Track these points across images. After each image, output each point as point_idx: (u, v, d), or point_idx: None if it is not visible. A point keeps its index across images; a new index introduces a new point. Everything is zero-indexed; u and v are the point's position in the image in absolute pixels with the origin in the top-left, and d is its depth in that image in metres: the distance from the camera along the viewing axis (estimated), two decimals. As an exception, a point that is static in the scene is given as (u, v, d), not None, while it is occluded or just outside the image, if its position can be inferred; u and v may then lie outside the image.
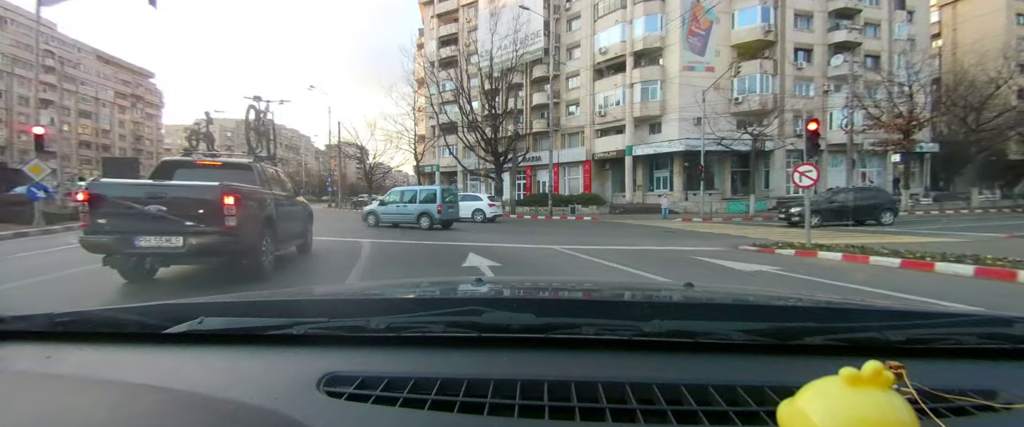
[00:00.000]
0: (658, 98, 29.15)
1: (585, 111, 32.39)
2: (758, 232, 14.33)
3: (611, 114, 31.00)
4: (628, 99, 29.82)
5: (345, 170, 52.21)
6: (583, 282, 2.06)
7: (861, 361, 0.42)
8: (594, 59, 32.07)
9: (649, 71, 29.39)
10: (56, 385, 0.62)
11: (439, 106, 30.88)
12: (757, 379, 0.61)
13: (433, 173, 42.99)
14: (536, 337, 0.73)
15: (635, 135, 30.02)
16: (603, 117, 31.51)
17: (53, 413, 0.54)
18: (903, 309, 0.98)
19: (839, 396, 0.41)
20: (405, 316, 0.81)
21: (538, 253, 8.98)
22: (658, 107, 29.10)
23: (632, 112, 29.72)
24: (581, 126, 33.08)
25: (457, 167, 39.81)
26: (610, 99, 31.18)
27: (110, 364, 0.69)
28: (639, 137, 30.11)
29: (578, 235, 13.42)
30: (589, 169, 32.47)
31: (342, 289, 1.68)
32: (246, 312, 0.88)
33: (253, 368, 0.67)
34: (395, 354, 0.71)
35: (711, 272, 6.76)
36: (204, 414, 0.54)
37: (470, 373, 0.62)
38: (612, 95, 30.98)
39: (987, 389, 0.58)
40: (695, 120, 27.98)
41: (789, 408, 0.44)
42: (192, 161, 6.04)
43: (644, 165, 30.51)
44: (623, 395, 0.58)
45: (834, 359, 0.54)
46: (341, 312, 0.89)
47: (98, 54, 61.21)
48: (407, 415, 0.54)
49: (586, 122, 32.40)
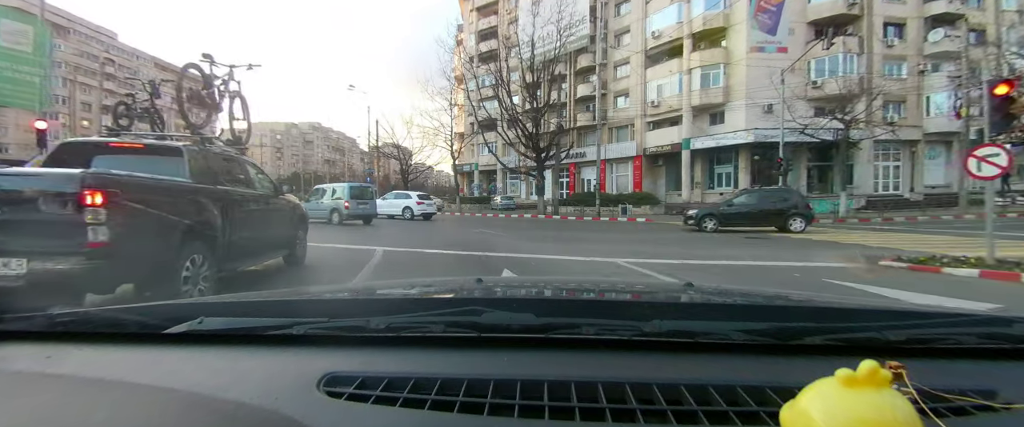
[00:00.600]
0: (721, 84, 25.90)
1: (635, 102, 29.47)
2: (874, 239, 11.32)
3: (665, 104, 27.98)
4: (685, 87, 26.73)
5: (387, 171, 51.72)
6: (583, 282, 1.91)
7: (861, 361, 0.41)
8: (646, 45, 29.14)
9: (710, 55, 26.19)
10: (56, 385, 0.61)
11: (478, 102, 29.00)
12: (757, 379, 0.60)
13: (472, 172, 41.31)
14: (536, 337, 0.72)
15: (693, 126, 26.89)
16: (656, 108, 28.53)
17: (53, 413, 0.53)
18: (903, 309, 0.95)
19: (839, 397, 0.40)
20: (405, 316, 0.81)
21: (593, 270, 6.72)
22: (721, 94, 25.86)
23: (690, 101, 26.61)
24: (631, 118, 30.22)
25: (496, 165, 38.14)
26: (664, 88, 28.18)
27: (110, 364, 0.69)
28: (698, 128, 26.95)
29: (639, 242, 10.94)
30: (639, 165, 29.58)
31: (342, 289, 1.56)
32: (246, 312, 0.88)
33: (253, 368, 0.66)
34: (395, 354, 0.71)
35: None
36: (204, 414, 0.54)
37: (470, 373, 0.62)
38: (666, 83, 27.97)
39: (987, 389, 0.57)
40: (765, 107, 24.65)
41: (791, 410, 0.44)
42: (105, 143, 4.22)
43: (703, 160, 27.32)
44: (623, 395, 0.57)
45: (834, 359, 0.53)
46: (341, 312, 0.88)
47: (156, 61, 64.04)
48: (407, 415, 0.54)
49: (636, 114, 29.50)
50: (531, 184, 36.97)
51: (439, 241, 10.78)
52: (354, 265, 6.60)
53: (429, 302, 1.04)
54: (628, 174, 30.65)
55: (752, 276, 6.40)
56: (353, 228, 14.41)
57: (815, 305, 0.97)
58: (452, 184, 39.21)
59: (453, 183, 38.41)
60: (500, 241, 10.87)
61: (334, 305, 0.99)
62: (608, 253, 8.37)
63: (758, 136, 24.07)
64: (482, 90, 29.54)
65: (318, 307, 0.97)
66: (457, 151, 35.92)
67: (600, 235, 13.51)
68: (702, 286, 1.21)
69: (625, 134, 30.94)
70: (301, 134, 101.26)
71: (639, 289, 1.53)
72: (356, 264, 6.63)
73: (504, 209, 30.79)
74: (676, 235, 13.10)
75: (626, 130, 30.92)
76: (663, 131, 28.42)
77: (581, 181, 33.73)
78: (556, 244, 10.64)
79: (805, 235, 12.79)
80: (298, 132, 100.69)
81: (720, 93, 25.89)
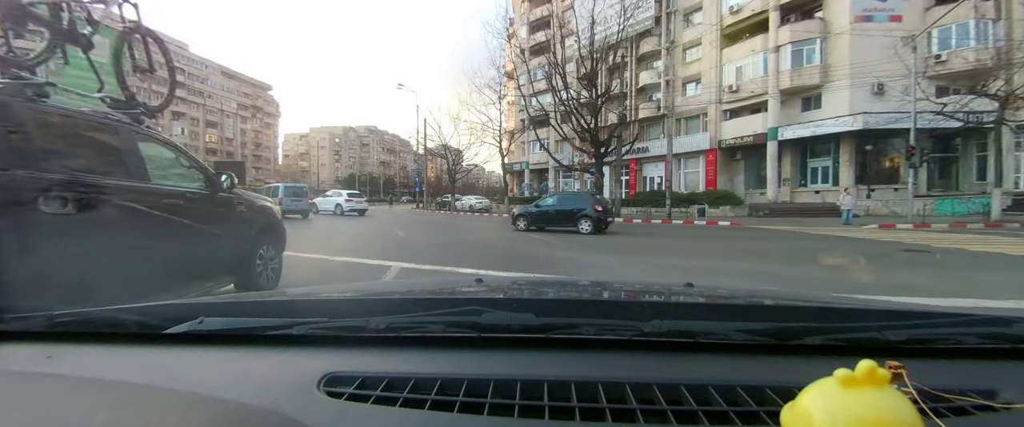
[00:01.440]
0: (816, 62, 21.85)
1: (709, 88, 25.81)
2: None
3: (746, 89, 24.19)
4: (772, 67, 22.86)
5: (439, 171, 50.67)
6: (583, 282, 1.84)
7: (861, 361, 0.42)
8: (721, 22, 25.45)
9: (803, 28, 22.21)
10: (56, 385, 0.61)
11: (529, 96, 26.60)
12: (757, 379, 0.60)
13: (522, 171, 38.99)
14: (536, 337, 0.72)
15: (781, 114, 22.96)
16: (734, 93, 24.78)
17: (53, 413, 0.53)
18: (902, 309, 0.95)
19: (839, 397, 0.41)
20: (405, 316, 0.80)
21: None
22: (817, 74, 21.81)
23: (777, 84, 22.71)
24: (703, 107, 26.59)
25: (548, 164, 35.54)
26: (744, 70, 24.39)
27: (110, 364, 0.69)
28: (787, 116, 22.99)
29: (757, 261, 8.01)
30: (714, 159, 25.92)
31: (342, 289, 1.37)
32: (246, 312, 0.87)
33: (253, 368, 0.66)
34: (395, 354, 0.70)
35: None
36: (204, 414, 0.54)
37: (470, 373, 0.62)
38: (747, 64, 24.16)
39: (987, 389, 0.57)
40: (874, 88, 20.42)
41: (792, 411, 0.44)
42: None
43: (793, 152, 23.31)
44: (623, 395, 0.57)
45: (834, 359, 0.53)
46: (341, 312, 0.87)
47: (223, 70, 67.25)
48: (407, 415, 0.54)
49: (710, 101, 25.85)
50: (586, 183, 34.10)
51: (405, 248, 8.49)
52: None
53: (429, 302, 1.01)
54: (699, 170, 27.02)
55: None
56: (292, 221, 14.29)
57: (815, 305, 0.95)
58: (502, 184, 37.00)
59: (503, 183, 36.17)
60: (546, 251, 8.36)
61: (334, 305, 0.98)
62: (709, 272, 5.66)
63: (867, 123, 19.91)
64: (534, 83, 27.14)
65: (318, 307, 0.95)
66: (507, 149, 33.72)
67: (680, 243, 10.62)
68: (702, 286, 1.20)
69: (695, 125, 27.30)
70: (358, 137, 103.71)
71: (639, 289, 1.49)
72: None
73: (557, 210, 28.24)
74: (785, 244, 9.94)
75: (696, 121, 27.29)
76: (743, 120, 24.62)
77: (642, 179, 30.42)
78: (622, 257, 7.99)
79: (927, 238, 9.24)
80: (355, 135, 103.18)
81: (816, 73, 21.83)
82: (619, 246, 9.79)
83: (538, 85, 26.92)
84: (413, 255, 7.37)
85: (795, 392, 0.45)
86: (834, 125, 20.82)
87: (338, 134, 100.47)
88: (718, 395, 0.57)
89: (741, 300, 1.09)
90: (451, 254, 8.08)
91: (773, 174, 23.26)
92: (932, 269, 6.55)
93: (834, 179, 22.27)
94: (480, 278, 1.29)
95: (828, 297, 1.11)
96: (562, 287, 1.46)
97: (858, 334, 0.75)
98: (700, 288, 1.17)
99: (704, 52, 26.23)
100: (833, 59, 21.47)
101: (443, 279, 3.29)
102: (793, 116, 22.97)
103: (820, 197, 22.30)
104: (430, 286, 1.48)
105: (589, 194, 15.22)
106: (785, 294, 1.18)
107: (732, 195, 23.06)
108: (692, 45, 27.12)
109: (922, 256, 7.91)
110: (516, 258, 7.60)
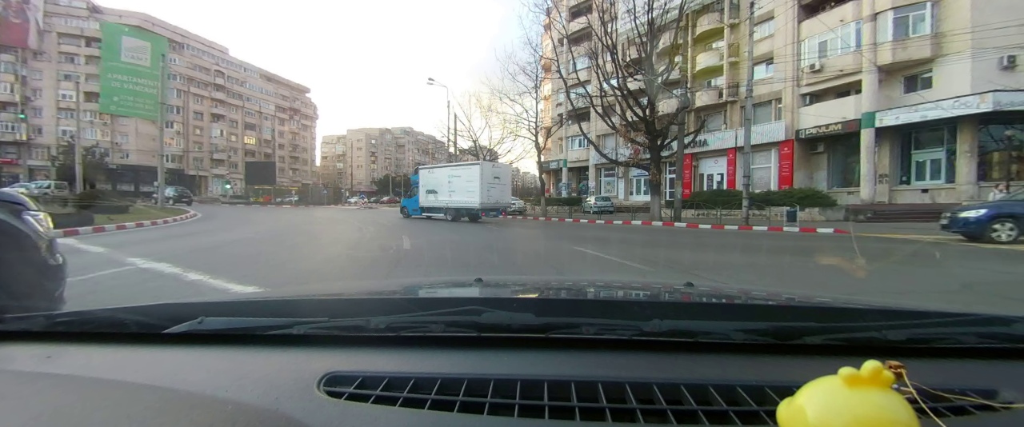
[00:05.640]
0: (927, 30, 17.86)
1: (783, 69, 22.07)
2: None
3: (831, 67, 20.36)
4: (868, 39, 18.98)
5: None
6: (583, 282, 1.79)
7: (861, 361, 0.42)
8: (799, -10, 21.69)
9: (909, -11, 18.25)
10: (56, 385, 0.61)
11: (571, 86, 23.70)
12: (757, 379, 0.60)
13: (559, 169, 36.05)
14: (536, 337, 0.73)
15: (879, 96, 19.06)
16: (817, 73, 20.98)
17: (53, 413, 0.54)
18: (903, 309, 0.94)
19: (838, 396, 0.40)
20: (405, 316, 0.80)
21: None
22: (927, 47, 17.83)
23: (875, 59, 18.81)
24: (775, 92, 22.85)
25: (588, 161, 32.43)
26: (829, 45, 20.55)
27: (110, 364, 0.69)
28: (886, 98, 19.06)
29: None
30: (789, 153, 22.15)
31: (342, 289, 1.48)
32: (246, 312, 0.87)
33: (253, 368, 0.66)
34: (395, 354, 0.71)
35: None
36: (204, 414, 0.54)
37: (470, 373, 0.62)
38: (833, 38, 20.32)
39: (987, 389, 0.58)
40: (1004, 61, 16.35)
41: (789, 408, 0.44)
42: None
43: (892, 142, 19.32)
44: (623, 395, 0.58)
45: (834, 359, 0.53)
46: (341, 312, 0.87)
47: (261, 73, 67.77)
48: (407, 415, 0.54)
49: (785, 84, 22.10)
50: (631, 182, 30.79)
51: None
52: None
53: (429, 302, 1.02)
54: (770, 165, 23.27)
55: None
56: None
57: (815, 305, 0.95)
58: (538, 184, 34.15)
59: (538, 183, 33.33)
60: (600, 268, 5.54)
61: (334, 305, 0.97)
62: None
63: (998, 104, 15.86)
64: (576, 73, 24.23)
65: (318, 307, 0.94)
66: (543, 146, 30.87)
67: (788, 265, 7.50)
68: (702, 286, 1.18)
69: (766, 113, 23.50)
70: (394, 139, 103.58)
71: (638, 289, 1.49)
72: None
73: (600, 212, 25.17)
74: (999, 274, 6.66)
75: (767, 108, 23.50)
76: (827, 105, 20.77)
77: (698, 177, 26.86)
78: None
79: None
80: (391, 137, 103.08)
81: (926, 45, 17.83)
82: (707, 260, 6.78)
83: (580, 75, 23.99)
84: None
85: (794, 392, 0.45)
86: (953, 107, 16.79)
87: (374, 136, 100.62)
88: (718, 395, 0.57)
89: (741, 300, 1.08)
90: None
91: (869, 169, 19.33)
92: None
93: (948, 175, 18.18)
94: (480, 278, 1.26)
95: (828, 297, 1.10)
96: (562, 287, 1.46)
97: (858, 334, 0.75)
98: (700, 288, 1.17)
99: (778, 26, 22.49)
100: (947, 27, 17.43)
101: (443, 279, 3.35)
102: (894, 98, 19.01)
103: (928, 197, 18.26)
104: (430, 286, 1.51)
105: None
106: (785, 294, 1.17)
107: (821, 194, 19.27)
108: (764, 19, 23.31)
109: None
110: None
